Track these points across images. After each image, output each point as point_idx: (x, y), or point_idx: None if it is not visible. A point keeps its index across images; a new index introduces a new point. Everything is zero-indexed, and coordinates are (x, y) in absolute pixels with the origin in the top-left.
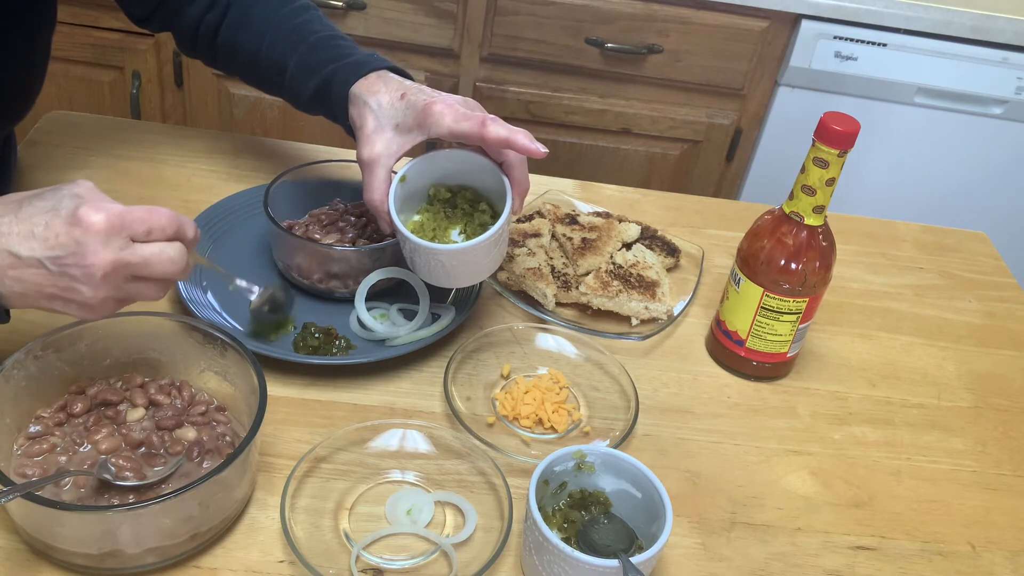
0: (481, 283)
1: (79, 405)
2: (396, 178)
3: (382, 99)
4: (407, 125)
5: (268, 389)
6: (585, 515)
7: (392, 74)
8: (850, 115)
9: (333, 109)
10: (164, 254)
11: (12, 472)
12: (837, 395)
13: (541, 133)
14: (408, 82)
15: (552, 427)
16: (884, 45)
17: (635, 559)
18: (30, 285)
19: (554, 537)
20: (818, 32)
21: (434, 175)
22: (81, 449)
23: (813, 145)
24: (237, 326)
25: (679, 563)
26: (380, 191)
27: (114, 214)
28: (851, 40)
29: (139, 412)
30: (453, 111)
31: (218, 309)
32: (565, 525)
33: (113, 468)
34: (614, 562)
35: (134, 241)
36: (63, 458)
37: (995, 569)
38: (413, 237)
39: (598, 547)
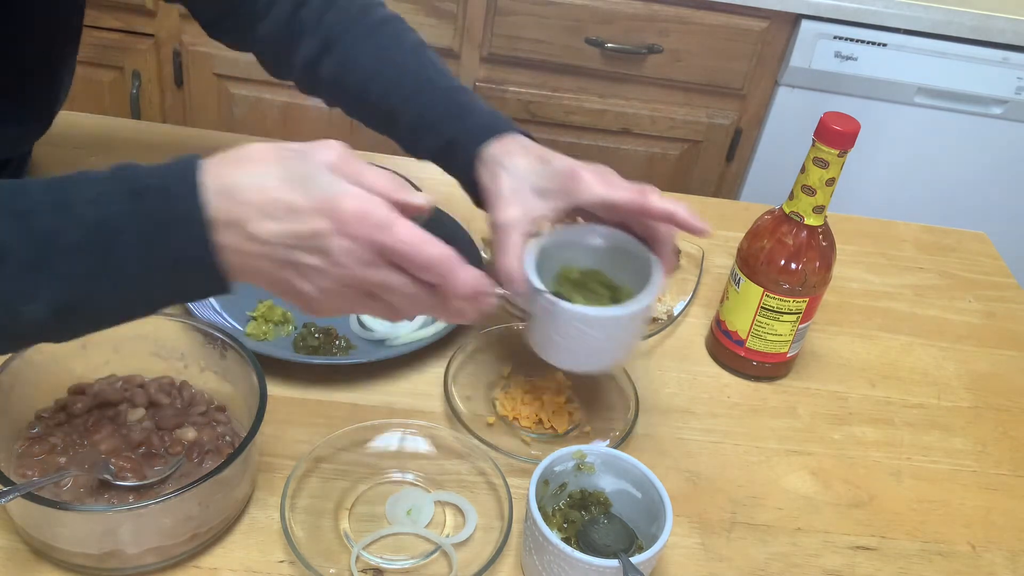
0: None
1: (79, 405)
2: (536, 242)
3: (519, 161)
4: (548, 190)
5: (268, 389)
6: (585, 515)
7: (524, 137)
8: (850, 115)
9: (454, 167)
10: (405, 290)
11: (12, 472)
12: (837, 395)
13: (541, 133)
14: (543, 147)
15: (552, 427)
16: (884, 45)
17: (635, 559)
18: (252, 268)
19: (554, 537)
20: (818, 32)
21: (568, 250)
22: (81, 449)
23: (813, 145)
24: (237, 326)
25: (679, 563)
26: (517, 256)
27: (375, 223)
28: (851, 40)
29: (139, 412)
30: (602, 178)
31: (218, 309)
32: (565, 525)
33: (113, 468)
34: (614, 562)
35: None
36: (63, 458)
37: (995, 569)
38: (560, 301)
39: (598, 547)
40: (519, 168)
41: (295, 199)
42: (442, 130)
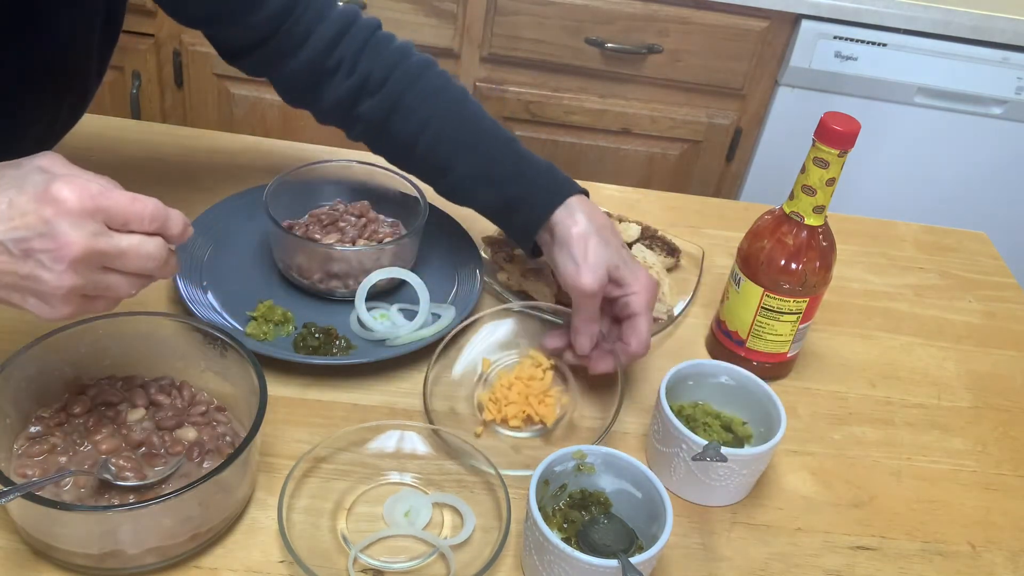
0: (481, 282)
1: (79, 405)
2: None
3: (591, 239)
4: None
5: (268, 389)
6: (585, 515)
7: (586, 199)
8: (850, 115)
9: (514, 225)
10: (143, 248)
11: (12, 472)
12: (837, 395)
13: (541, 133)
14: (603, 215)
15: (542, 422)
16: (884, 45)
17: (635, 559)
18: None
19: (554, 537)
20: (818, 32)
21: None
22: (81, 449)
23: (813, 145)
24: (237, 326)
25: (679, 563)
26: (593, 321)
27: (88, 195)
28: (851, 40)
29: (139, 412)
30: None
31: (218, 309)
32: (565, 525)
33: (113, 468)
34: (614, 562)
35: (110, 229)
36: (63, 458)
37: (995, 569)
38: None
39: (598, 547)
40: (592, 244)
41: (13, 197)
42: (505, 188)
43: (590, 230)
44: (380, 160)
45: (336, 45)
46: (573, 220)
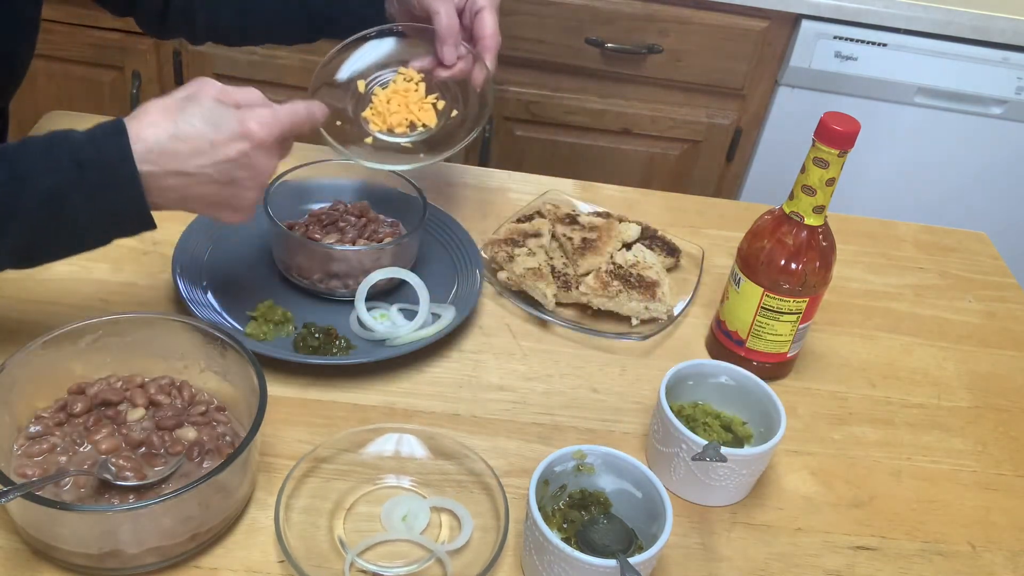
0: (481, 282)
1: (79, 405)
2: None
3: None
4: None
5: (268, 389)
6: (585, 515)
7: None
8: (850, 115)
9: (352, 13)
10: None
11: (12, 472)
12: (837, 395)
13: (541, 133)
14: None
15: (424, 124)
16: (884, 45)
17: (635, 559)
18: (196, 197)
19: (554, 537)
20: (818, 32)
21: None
22: (81, 449)
23: (813, 145)
24: (237, 326)
25: (679, 563)
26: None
27: (272, 129)
28: (851, 40)
29: (139, 412)
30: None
31: (218, 309)
32: (565, 525)
33: (113, 468)
34: (613, 562)
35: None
36: (63, 458)
37: (995, 569)
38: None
39: (597, 547)
40: None
41: (213, 136)
42: None
43: None
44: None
45: None
46: None
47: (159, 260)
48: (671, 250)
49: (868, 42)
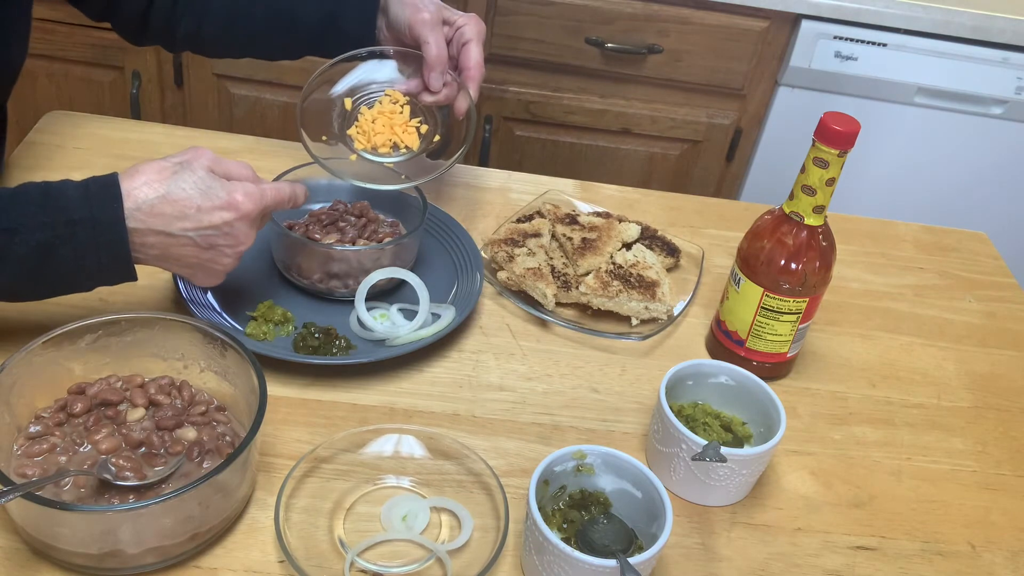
0: (481, 282)
1: (79, 405)
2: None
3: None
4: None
5: (268, 389)
6: (585, 515)
7: None
8: (850, 115)
9: (343, 33)
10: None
11: (12, 472)
12: (837, 395)
13: (541, 133)
14: None
15: (407, 147)
16: (884, 45)
17: (634, 559)
18: (175, 258)
19: (554, 537)
20: (818, 32)
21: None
22: (81, 449)
23: (813, 145)
24: (237, 326)
25: (679, 563)
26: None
27: (258, 201)
28: (851, 40)
29: (139, 412)
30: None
31: (218, 309)
32: (565, 525)
33: (113, 468)
34: (613, 562)
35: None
36: (63, 458)
37: (995, 569)
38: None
39: (597, 547)
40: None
41: (200, 203)
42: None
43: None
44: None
45: None
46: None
47: None
48: (671, 250)
49: (868, 42)
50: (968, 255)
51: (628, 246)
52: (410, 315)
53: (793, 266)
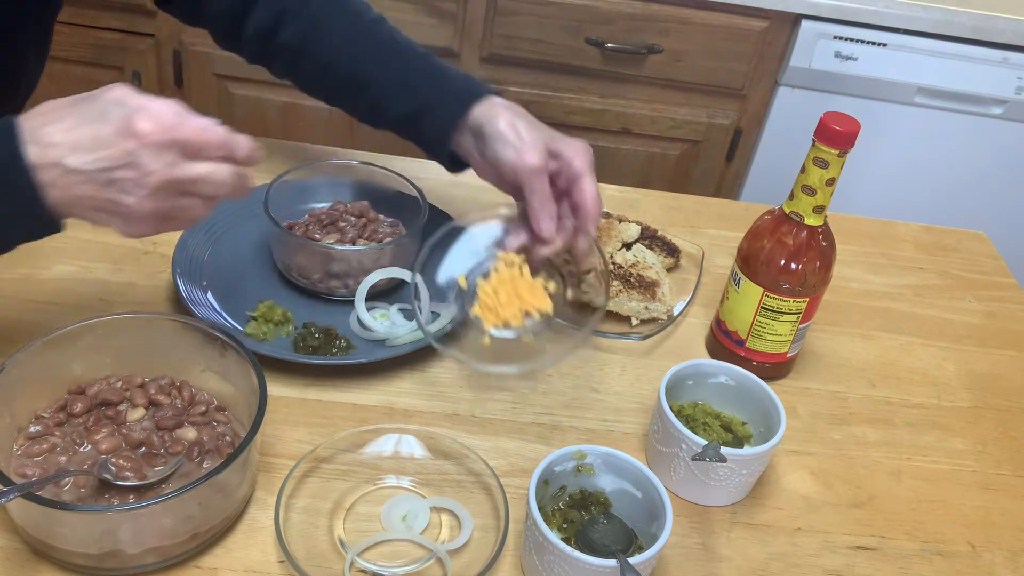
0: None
1: (79, 405)
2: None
3: (517, 121)
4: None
5: (268, 389)
6: (585, 515)
7: (502, 99)
8: (850, 115)
9: (428, 131)
10: (215, 175)
11: (12, 472)
12: (837, 395)
13: None
14: (521, 108)
15: (540, 311)
16: (884, 45)
17: (634, 559)
18: (76, 197)
19: (554, 537)
20: (818, 32)
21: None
22: (81, 449)
23: (813, 145)
24: (237, 326)
25: (679, 563)
26: (550, 201)
27: (166, 127)
28: (851, 40)
29: (139, 412)
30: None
31: (218, 309)
32: (565, 525)
33: (113, 468)
34: (613, 562)
35: (186, 156)
36: (63, 458)
37: (995, 569)
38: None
39: (597, 547)
40: (523, 127)
41: (98, 130)
42: (419, 94)
43: (516, 117)
44: (380, 160)
45: None
46: (496, 113)
47: (159, 260)
48: (671, 250)
49: (868, 42)
50: (968, 255)
51: (628, 246)
52: (410, 315)
53: (793, 266)
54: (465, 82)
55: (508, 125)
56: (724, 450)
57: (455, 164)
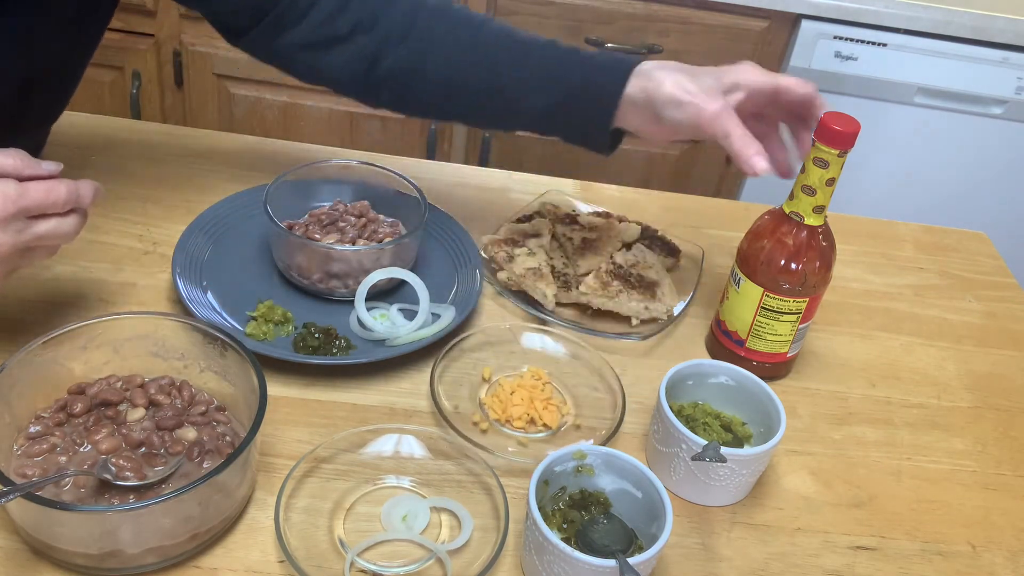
0: (481, 282)
1: (79, 405)
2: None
3: (677, 76)
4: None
5: (268, 389)
6: (585, 515)
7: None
8: (850, 115)
9: (584, 119)
10: (59, 229)
11: (12, 472)
12: (837, 395)
13: None
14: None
15: (545, 424)
16: (884, 45)
17: (634, 559)
18: None
19: (554, 537)
20: (818, 32)
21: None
22: (81, 449)
23: (813, 145)
24: (237, 326)
25: (679, 563)
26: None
27: (10, 202)
28: (851, 40)
29: (139, 412)
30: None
31: (218, 309)
32: (565, 525)
33: (113, 468)
34: (613, 562)
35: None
36: (63, 458)
37: (995, 569)
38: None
39: (597, 547)
40: (689, 85)
41: None
42: (565, 82)
43: (677, 75)
44: (380, 160)
45: (345, 7)
46: (657, 78)
47: (159, 260)
48: (671, 250)
49: (868, 42)
50: (968, 255)
51: (628, 246)
52: (410, 315)
53: (793, 266)
54: (608, 59)
55: (674, 86)
56: (724, 450)
57: (614, 143)
